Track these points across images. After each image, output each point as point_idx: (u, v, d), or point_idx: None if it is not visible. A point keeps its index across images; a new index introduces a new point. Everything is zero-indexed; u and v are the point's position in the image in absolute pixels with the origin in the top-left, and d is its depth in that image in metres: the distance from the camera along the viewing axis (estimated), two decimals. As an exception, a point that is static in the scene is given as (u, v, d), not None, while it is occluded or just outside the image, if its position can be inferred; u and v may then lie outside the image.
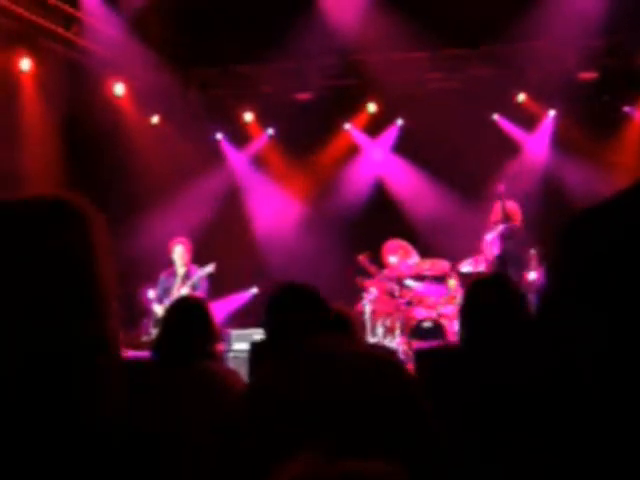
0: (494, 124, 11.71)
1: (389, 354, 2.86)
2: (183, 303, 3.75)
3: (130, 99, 11.07)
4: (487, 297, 3.47)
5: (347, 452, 0.99)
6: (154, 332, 9.08)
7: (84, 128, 10.32)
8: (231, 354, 9.08)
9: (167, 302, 9.03)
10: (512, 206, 8.87)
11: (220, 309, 10.35)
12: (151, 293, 9.47)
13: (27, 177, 9.33)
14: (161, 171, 10.92)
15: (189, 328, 3.56)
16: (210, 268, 9.38)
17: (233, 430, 2.67)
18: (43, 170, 9.60)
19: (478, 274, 8.66)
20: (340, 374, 2.45)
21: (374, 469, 0.91)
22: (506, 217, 8.68)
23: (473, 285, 3.67)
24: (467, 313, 3.49)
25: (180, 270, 9.50)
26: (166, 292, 9.40)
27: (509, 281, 3.69)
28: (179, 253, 9.50)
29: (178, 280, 9.46)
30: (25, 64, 9.56)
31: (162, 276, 9.58)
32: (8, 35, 9.20)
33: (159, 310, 9.22)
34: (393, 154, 12.17)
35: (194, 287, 9.34)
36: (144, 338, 9.05)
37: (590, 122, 10.90)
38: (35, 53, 9.65)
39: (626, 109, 11.32)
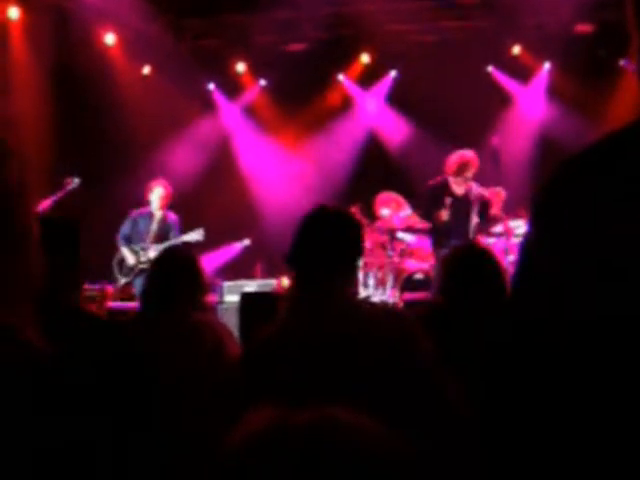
0: (489, 76, 11.63)
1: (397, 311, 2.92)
2: (171, 254, 3.74)
3: (121, 49, 10.94)
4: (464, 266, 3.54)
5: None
6: (121, 279, 8.74)
7: (74, 77, 10.22)
8: (223, 306, 9.08)
9: (141, 246, 8.69)
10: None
11: (212, 261, 10.34)
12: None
13: (16, 125, 9.25)
14: (152, 121, 10.83)
15: (177, 279, 3.55)
16: (197, 235, 8.77)
17: (229, 380, 2.67)
18: (32, 119, 9.51)
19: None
20: (347, 325, 2.44)
21: (343, 417, 0.89)
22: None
23: (452, 253, 3.77)
24: (445, 279, 3.55)
25: (157, 213, 8.84)
26: (138, 235, 8.79)
27: (487, 251, 3.77)
28: (158, 195, 8.77)
29: (154, 226, 8.80)
30: (13, 12, 9.43)
31: (132, 215, 8.93)
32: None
33: (128, 254, 8.74)
34: (386, 105, 12.09)
35: None
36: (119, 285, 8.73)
37: (585, 75, 10.82)
38: (24, 1, 9.52)
39: (622, 62, 11.24)
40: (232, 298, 8.94)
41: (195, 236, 8.73)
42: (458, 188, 8.53)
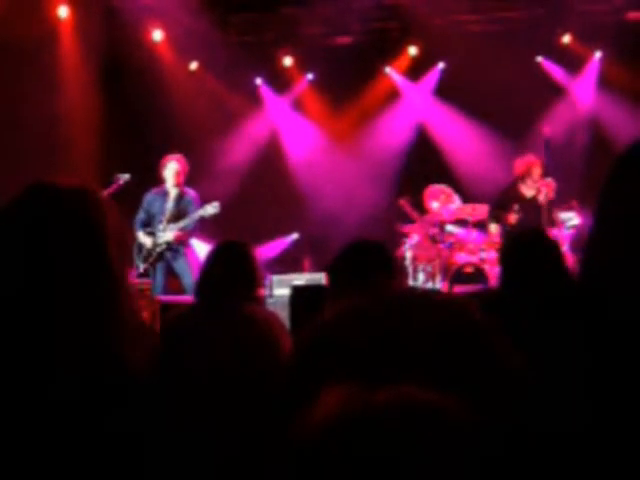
0: (538, 66, 11.47)
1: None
2: (228, 245, 3.73)
3: (168, 45, 11.01)
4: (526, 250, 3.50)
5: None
6: (141, 265, 8.24)
7: (123, 74, 10.32)
8: (271, 299, 9.07)
9: (159, 227, 8.25)
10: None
11: (261, 254, 10.34)
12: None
13: (67, 122, 9.37)
14: (200, 117, 10.88)
15: (233, 271, 3.55)
16: (213, 209, 8.13)
17: (286, 374, 2.64)
18: (82, 115, 9.62)
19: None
20: (409, 317, 2.40)
21: (424, 397, 0.87)
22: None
23: (515, 238, 3.75)
24: (507, 264, 3.52)
25: (172, 191, 8.33)
26: (155, 216, 8.32)
27: (548, 236, 3.76)
28: (173, 170, 8.28)
29: (170, 204, 8.30)
30: (63, 11, 9.54)
31: (148, 195, 8.45)
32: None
33: (144, 238, 8.25)
34: (435, 97, 11.99)
35: (185, 228, 8.20)
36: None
37: (638, 64, 10.61)
38: (73, 0, 9.63)
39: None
40: (281, 292, 8.95)
41: (210, 210, 8.11)
42: (527, 191, 8.58)
